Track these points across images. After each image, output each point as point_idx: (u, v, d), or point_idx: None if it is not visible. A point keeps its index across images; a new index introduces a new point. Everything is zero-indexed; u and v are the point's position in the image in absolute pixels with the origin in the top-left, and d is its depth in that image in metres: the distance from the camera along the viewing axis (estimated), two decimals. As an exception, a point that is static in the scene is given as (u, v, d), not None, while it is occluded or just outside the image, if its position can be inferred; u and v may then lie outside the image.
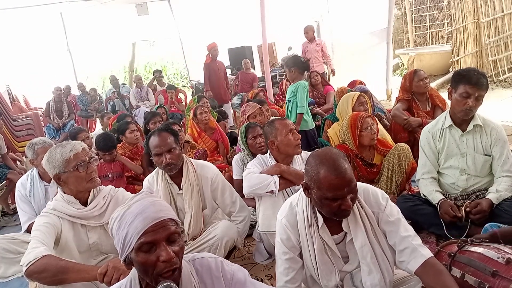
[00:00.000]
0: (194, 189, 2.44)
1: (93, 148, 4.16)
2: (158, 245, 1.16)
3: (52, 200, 2.15)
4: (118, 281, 1.56)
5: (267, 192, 2.33)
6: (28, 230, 2.79)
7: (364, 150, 3.05)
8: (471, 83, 2.33)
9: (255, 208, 2.63)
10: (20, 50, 9.70)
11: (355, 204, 1.58)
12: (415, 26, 11.31)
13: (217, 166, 2.73)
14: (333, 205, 1.50)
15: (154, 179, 2.51)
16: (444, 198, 2.46)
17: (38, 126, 6.73)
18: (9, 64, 9.40)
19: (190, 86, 10.69)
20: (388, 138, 3.35)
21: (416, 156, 2.87)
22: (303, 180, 1.63)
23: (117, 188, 2.30)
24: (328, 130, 3.73)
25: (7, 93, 7.54)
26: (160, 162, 2.36)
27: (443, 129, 2.56)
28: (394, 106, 3.95)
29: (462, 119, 2.47)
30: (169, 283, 1.14)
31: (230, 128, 6.25)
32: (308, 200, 1.65)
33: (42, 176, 3.04)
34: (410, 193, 2.95)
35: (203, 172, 2.50)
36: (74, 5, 8.15)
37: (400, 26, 11.79)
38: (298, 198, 1.71)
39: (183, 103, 8.03)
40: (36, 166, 3.04)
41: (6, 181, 4.18)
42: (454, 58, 8.10)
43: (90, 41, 10.12)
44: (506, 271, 1.52)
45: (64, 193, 2.09)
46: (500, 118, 5.03)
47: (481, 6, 7.57)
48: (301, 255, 1.70)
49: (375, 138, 3.00)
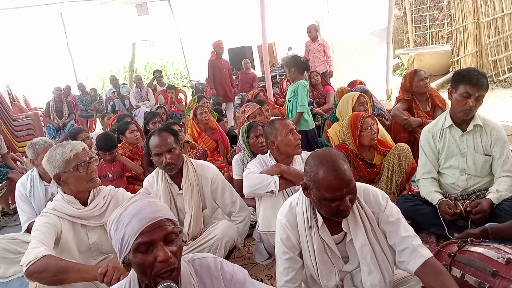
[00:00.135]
0: (194, 189, 2.44)
1: (93, 148, 4.16)
2: (155, 245, 1.16)
3: (51, 199, 2.15)
4: (118, 281, 1.57)
5: (267, 192, 2.33)
6: (28, 230, 2.79)
7: (364, 150, 3.05)
8: (472, 83, 2.33)
9: (255, 208, 2.63)
10: (20, 50, 9.70)
11: (355, 204, 1.58)
12: (415, 26, 11.31)
13: (217, 166, 2.73)
14: (331, 205, 1.50)
15: (154, 179, 2.51)
16: (442, 198, 2.46)
17: (38, 126, 6.72)
18: (9, 64, 9.40)
19: (190, 86, 10.70)
20: (388, 138, 3.35)
21: (416, 156, 2.87)
22: (303, 180, 1.63)
23: (117, 188, 2.30)
24: (328, 130, 3.73)
25: (7, 93, 7.54)
26: (160, 162, 2.36)
27: (443, 129, 2.55)
28: (394, 106, 3.95)
29: (462, 119, 2.47)
30: (169, 283, 1.14)
31: (230, 128, 6.25)
32: (308, 200, 1.65)
33: (42, 176, 3.04)
34: (410, 193, 2.95)
35: (203, 172, 2.50)
36: (74, 5, 8.15)
37: (400, 26, 11.79)
38: (298, 198, 1.71)
39: (183, 103, 8.04)
40: (36, 166, 3.04)
41: (6, 181, 4.18)
42: (454, 58, 8.10)
43: (90, 41, 10.12)
44: (506, 271, 1.52)
45: (64, 193, 2.09)
46: (500, 118, 5.03)
47: (481, 6, 7.57)
48: (301, 255, 1.70)
49: (375, 138, 3.00)
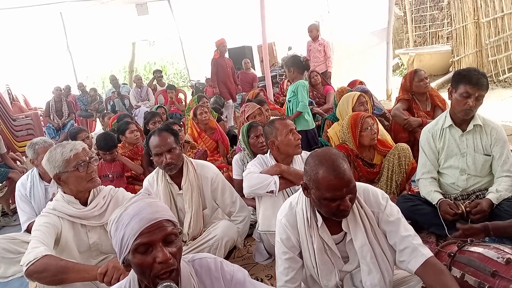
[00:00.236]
0: (194, 189, 2.44)
1: (93, 148, 4.16)
2: (155, 246, 1.16)
3: (51, 200, 2.15)
4: (118, 281, 1.57)
5: (267, 192, 2.33)
6: (28, 230, 2.79)
7: (364, 150, 3.05)
8: (471, 83, 2.33)
9: (255, 208, 2.63)
10: (20, 50, 9.68)
11: (355, 204, 1.58)
12: (415, 26, 11.32)
13: (217, 166, 2.73)
14: (331, 205, 1.50)
15: (154, 179, 2.51)
16: (442, 198, 2.46)
17: (38, 126, 6.71)
18: (9, 64, 9.39)
19: (190, 86, 10.69)
20: (388, 138, 3.35)
21: (416, 156, 2.87)
22: (303, 180, 1.63)
23: (117, 188, 2.30)
24: (328, 130, 3.73)
25: (7, 93, 7.53)
26: (160, 162, 2.36)
27: (443, 129, 2.56)
28: (394, 106, 3.95)
29: (462, 119, 2.47)
30: (169, 283, 1.14)
31: (230, 128, 6.24)
32: (307, 200, 1.65)
33: (42, 176, 3.04)
34: (410, 193, 2.95)
35: (203, 172, 2.50)
36: (74, 5, 8.15)
37: (400, 26, 11.79)
38: (298, 198, 1.71)
39: (183, 103, 8.03)
40: (36, 165, 3.04)
41: (7, 181, 4.18)
42: (454, 58, 8.10)
43: (90, 41, 10.11)
44: (506, 271, 1.52)
45: (64, 193, 2.09)
46: (500, 118, 5.03)
47: (481, 6, 7.57)
48: (301, 255, 1.70)
49: (375, 138, 3.00)
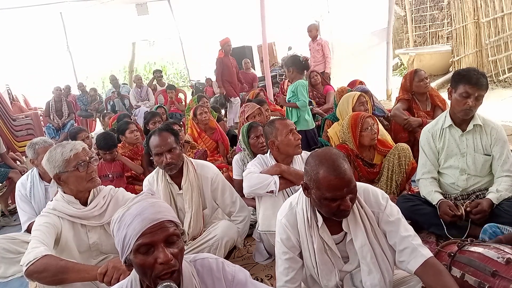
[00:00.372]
0: (194, 189, 2.44)
1: (93, 148, 4.16)
2: (156, 246, 1.15)
3: (51, 200, 2.15)
4: (118, 281, 1.57)
5: (267, 192, 2.33)
6: (28, 230, 2.79)
7: (364, 150, 3.05)
8: (471, 83, 2.33)
9: (255, 208, 2.63)
10: (20, 50, 9.67)
11: (355, 204, 1.58)
12: (415, 26, 11.31)
13: (216, 166, 2.73)
14: (332, 205, 1.50)
15: (154, 179, 2.51)
16: (443, 198, 2.46)
17: (38, 126, 6.71)
18: (9, 64, 9.38)
19: (190, 86, 10.69)
20: (388, 138, 3.35)
21: (416, 156, 2.87)
22: (303, 180, 1.63)
23: (117, 188, 2.30)
24: (328, 130, 3.73)
25: (7, 93, 7.52)
26: (160, 161, 2.36)
27: (443, 129, 2.56)
28: (394, 106, 3.95)
29: (462, 119, 2.47)
30: (169, 283, 1.14)
31: (230, 127, 6.24)
32: (308, 200, 1.65)
33: (42, 176, 3.04)
34: (410, 193, 2.95)
35: (203, 172, 2.50)
36: (74, 5, 8.15)
37: (400, 26, 11.79)
38: (298, 198, 1.71)
39: (183, 103, 8.03)
40: (36, 165, 3.04)
41: (7, 181, 4.18)
42: (454, 58, 8.10)
43: (90, 41, 10.11)
44: (506, 271, 1.52)
45: (64, 193, 2.09)
46: (500, 118, 5.03)
47: (481, 6, 7.56)
48: (301, 255, 1.70)
49: (376, 138, 3.00)
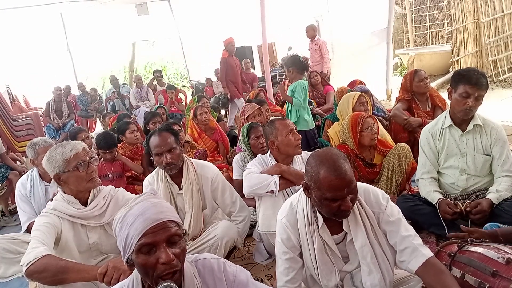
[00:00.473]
0: (194, 189, 2.44)
1: (93, 148, 4.16)
2: (158, 246, 1.16)
3: (51, 200, 2.15)
4: (118, 281, 1.57)
5: (267, 192, 2.33)
6: (28, 230, 2.79)
7: (364, 150, 3.05)
8: (471, 83, 2.33)
9: (255, 208, 2.63)
10: (20, 50, 9.67)
11: (356, 204, 1.58)
12: (415, 26, 11.31)
13: (217, 166, 2.73)
14: (332, 205, 1.50)
15: (154, 179, 2.51)
16: (442, 197, 2.46)
17: (38, 126, 6.71)
18: (9, 64, 9.38)
19: (190, 86, 10.69)
20: (388, 138, 3.35)
21: (416, 156, 2.87)
22: (303, 180, 1.63)
23: (117, 188, 2.30)
24: (328, 130, 3.73)
25: (7, 93, 7.52)
26: (160, 162, 2.36)
27: (443, 129, 2.56)
28: (394, 106, 3.95)
29: (462, 119, 2.47)
30: (169, 283, 1.14)
31: (230, 127, 6.23)
32: (308, 200, 1.65)
33: (42, 176, 3.04)
34: (410, 193, 2.95)
35: (203, 172, 2.50)
36: (74, 5, 8.15)
37: (400, 26, 11.79)
38: (298, 198, 1.71)
39: (183, 103, 8.03)
40: (36, 165, 3.04)
41: (7, 181, 4.18)
42: (454, 58, 8.09)
43: (90, 41, 10.11)
44: (506, 271, 1.52)
45: (64, 193, 2.09)
46: (500, 118, 5.03)
47: (481, 6, 7.56)
48: (301, 255, 1.70)
49: (376, 138, 3.00)
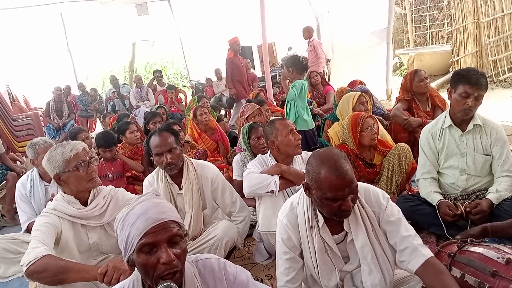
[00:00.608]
0: (194, 189, 2.44)
1: (93, 148, 4.16)
2: (159, 246, 1.16)
3: (51, 199, 2.15)
4: (118, 281, 1.57)
5: (267, 192, 2.33)
6: (28, 230, 2.79)
7: (364, 150, 3.05)
8: (471, 83, 2.34)
9: (255, 208, 2.63)
10: (20, 50, 9.67)
11: (356, 204, 1.58)
12: (415, 26, 11.31)
13: (217, 166, 2.73)
14: (333, 205, 1.50)
15: (155, 179, 2.51)
16: (442, 198, 2.46)
17: (38, 126, 6.71)
18: (9, 64, 9.38)
19: (190, 86, 10.69)
20: (388, 138, 3.35)
21: (416, 156, 2.87)
22: (303, 180, 1.64)
23: (117, 188, 2.30)
24: (328, 130, 3.73)
25: (7, 93, 7.52)
26: (160, 162, 2.36)
27: (443, 129, 2.56)
28: (394, 106, 3.95)
29: (462, 119, 2.47)
30: (169, 283, 1.14)
31: (231, 126, 6.23)
32: (309, 200, 1.65)
33: (42, 176, 3.04)
34: (410, 193, 2.95)
35: (203, 172, 2.50)
36: (74, 5, 8.16)
37: (400, 26, 11.79)
38: (299, 198, 1.71)
39: (183, 103, 8.03)
40: (36, 166, 3.04)
41: (6, 181, 4.17)
42: (454, 58, 8.09)
43: (90, 41, 10.12)
44: (506, 271, 1.52)
45: (64, 193, 2.09)
46: (500, 118, 5.03)
47: (481, 6, 7.56)
48: (301, 255, 1.70)
49: (376, 138, 3.00)
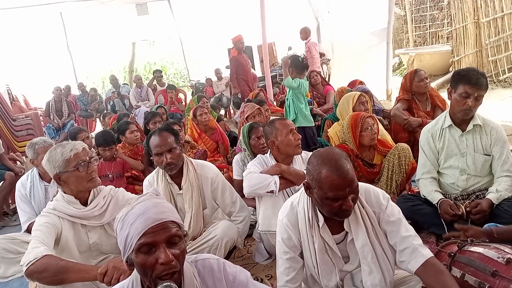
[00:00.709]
0: (194, 189, 2.44)
1: (92, 148, 4.16)
2: (158, 247, 1.15)
3: (51, 200, 2.15)
4: (118, 281, 1.57)
5: (267, 192, 2.33)
6: (28, 230, 2.79)
7: (364, 150, 3.05)
8: (471, 83, 2.33)
9: (255, 208, 2.63)
10: (20, 50, 9.66)
11: (356, 204, 1.58)
12: (415, 26, 11.31)
13: (217, 166, 2.73)
14: (334, 205, 1.50)
15: (155, 179, 2.51)
16: (443, 198, 2.46)
17: (38, 126, 6.71)
18: (9, 64, 9.37)
19: (190, 86, 10.69)
20: (388, 138, 3.35)
21: (416, 156, 2.87)
22: (303, 180, 1.64)
23: (117, 188, 2.30)
24: (328, 130, 3.74)
25: (7, 93, 7.52)
26: (160, 161, 2.36)
27: (443, 129, 2.56)
28: (394, 106, 3.95)
29: (462, 119, 2.47)
30: (169, 283, 1.14)
31: (236, 120, 6.23)
32: (309, 199, 1.65)
33: (42, 176, 3.04)
34: (410, 193, 2.95)
35: (203, 172, 2.50)
36: (74, 5, 8.15)
37: (400, 26, 11.79)
38: (299, 198, 1.71)
39: (183, 103, 8.03)
40: (36, 165, 3.04)
41: (3, 181, 4.17)
42: (454, 58, 8.09)
43: (90, 41, 10.11)
44: (506, 271, 1.52)
45: (64, 193, 2.09)
46: (500, 118, 5.03)
47: (481, 6, 7.56)
48: (302, 255, 1.70)
49: (376, 138, 3.00)
